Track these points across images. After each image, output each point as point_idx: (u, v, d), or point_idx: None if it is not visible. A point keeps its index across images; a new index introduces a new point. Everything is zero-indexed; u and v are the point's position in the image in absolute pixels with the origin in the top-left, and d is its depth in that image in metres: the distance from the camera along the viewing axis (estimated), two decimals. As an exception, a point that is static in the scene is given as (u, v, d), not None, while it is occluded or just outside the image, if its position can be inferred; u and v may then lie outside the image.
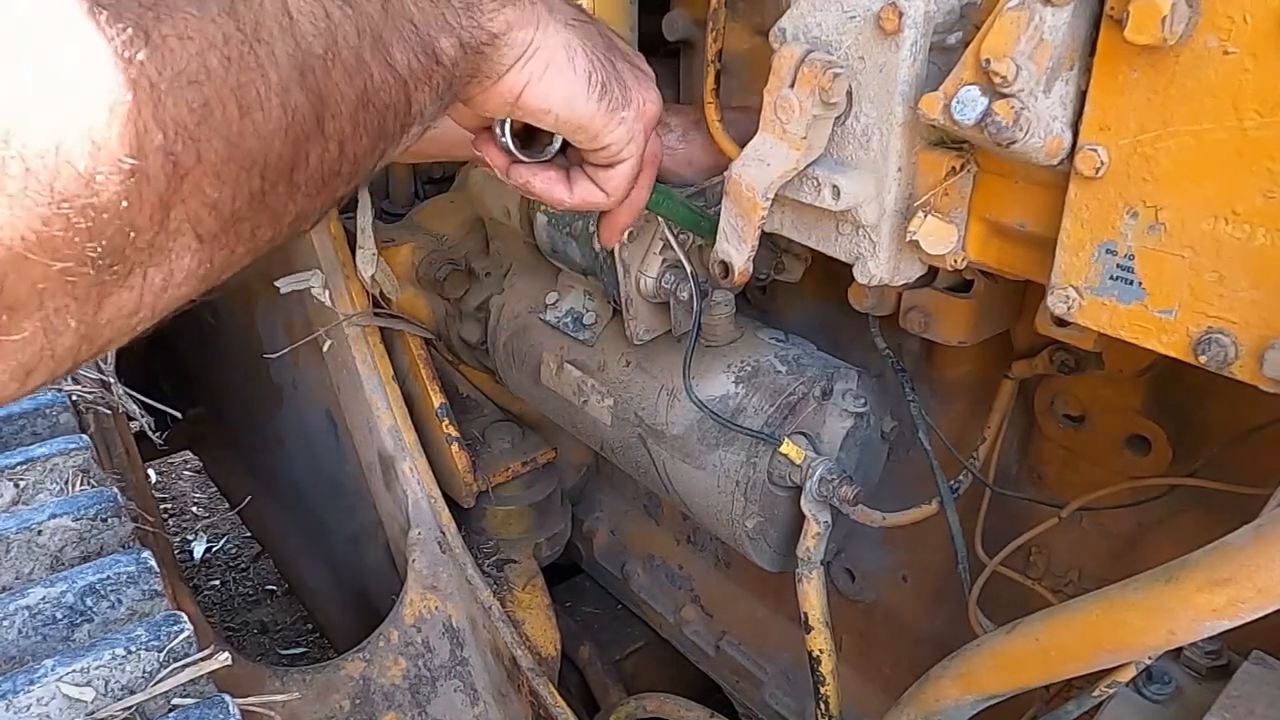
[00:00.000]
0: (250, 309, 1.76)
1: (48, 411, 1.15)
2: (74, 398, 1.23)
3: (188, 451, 2.68)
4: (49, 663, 0.82)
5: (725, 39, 1.05)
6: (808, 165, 0.82)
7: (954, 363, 1.21)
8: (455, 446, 1.50)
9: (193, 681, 0.87)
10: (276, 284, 1.51)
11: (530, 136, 0.78)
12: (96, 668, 0.83)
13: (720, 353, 1.14)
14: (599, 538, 1.77)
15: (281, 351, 1.62)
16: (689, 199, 1.04)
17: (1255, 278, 0.62)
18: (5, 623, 0.87)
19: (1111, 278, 0.69)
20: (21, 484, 1.04)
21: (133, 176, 0.41)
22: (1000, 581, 1.12)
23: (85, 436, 1.10)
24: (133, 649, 0.85)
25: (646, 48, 1.24)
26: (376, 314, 1.53)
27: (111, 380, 1.31)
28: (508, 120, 0.75)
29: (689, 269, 1.06)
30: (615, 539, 1.76)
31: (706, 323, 1.11)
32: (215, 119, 0.44)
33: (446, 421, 1.51)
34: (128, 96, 0.41)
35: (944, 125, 0.70)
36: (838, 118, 0.81)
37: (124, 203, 0.41)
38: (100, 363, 1.30)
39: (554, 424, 1.43)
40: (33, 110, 0.38)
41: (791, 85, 0.79)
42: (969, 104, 0.67)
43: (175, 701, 0.86)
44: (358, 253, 1.47)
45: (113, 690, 0.84)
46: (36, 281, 0.40)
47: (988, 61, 0.65)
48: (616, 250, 1.07)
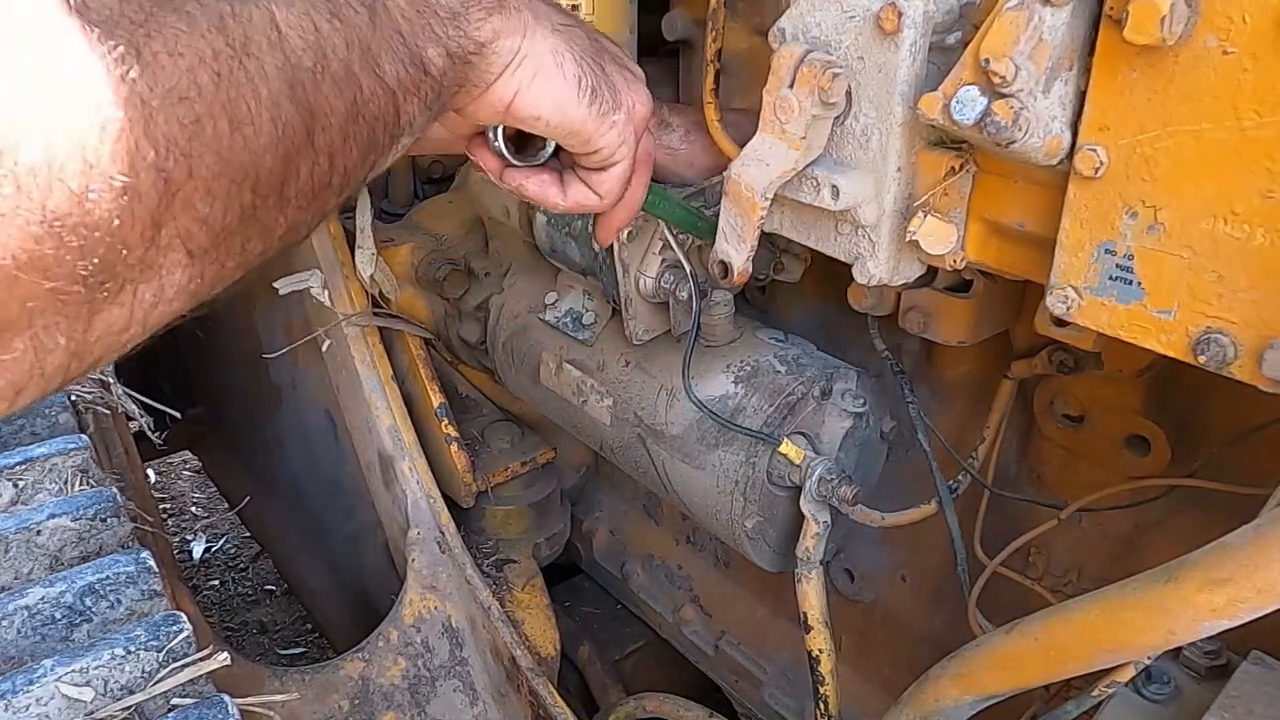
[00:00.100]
0: (249, 309, 1.76)
1: (47, 411, 1.15)
2: (73, 397, 1.23)
3: (187, 451, 2.68)
4: (48, 663, 0.82)
5: (724, 39, 1.05)
6: (807, 165, 0.82)
7: (953, 363, 1.21)
8: (454, 446, 1.50)
9: (192, 681, 0.87)
10: (275, 284, 1.51)
11: (523, 140, 0.78)
12: (96, 668, 0.83)
13: (719, 353, 1.13)
14: (598, 538, 1.77)
15: (281, 351, 1.61)
16: (688, 199, 1.04)
17: (1254, 278, 0.62)
18: (4, 623, 0.87)
19: (1111, 278, 0.69)
20: (20, 484, 1.03)
21: (125, 194, 0.41)
22: (999, 581, 1.12)
23: (84, 436, 1.10)
24: (132, 649, 0.85)
25: (646, 48, 1.25)
26: (376, 314, 1.53)
27: (110, 380, 1.31)
28: (500, 125, 0.75)
29: (688, 269, 1.06)
30: (615, 539, 1.76)
31: (706, 323, 1.11)
32: (206, 135, 0.44)
33: (446, 421, 1.51)
34: (120, 114, 0.40)
35: (943, 125, 0.70)
36: (837, 118, 0.81)
37: (116, 220, 0.41)
38: (99, 363, 1.30)
39: (553, 424, 1.43)
40: (25, 129, 0.38)
41: (791, 85, 0.79)
42: (968, 104, 0.67)
43: (174, 701, 0.86)
44: (357, 253, 1.47)
45: (112, 690, 0.83)
46: (27, 300, 0.40)
47: (987, 61, 0.65)
48: (615, 250, 1.07)
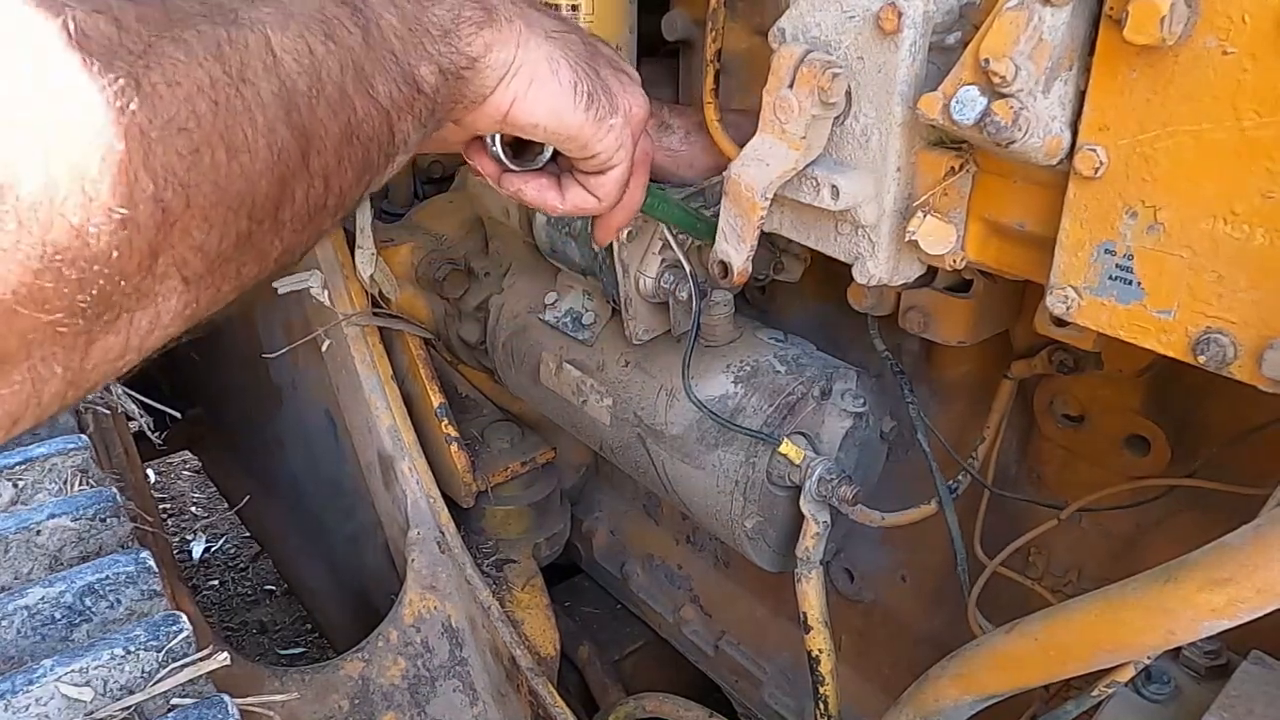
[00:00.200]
0: (249, 309, 1.76)
1: (47, 411, 1.15)
2: (73, 397, 1.22)
3: (187, 451, 2.68)
4: (48, 663, 0.82)
5: (724, 39, 1.05)
6: (807, 165, 0.82)
7: (953, 363, 1.20)
8: (454, 446, 1.50)
9: (191, 681, 0.87)
10: (275, 285, 1.51)
11: (521, 145, 0.79)
12: (95, 668, 0.83)
13: (719, 353, 1.13)
14: (598, 538, 1.77)
15: (281, 351, 1.61)
16: (688, 199, 1.04)
17: (1254, 278, 0.62)
18: (4, 623, 0.87)
19: (1110, 278, 0.69)
20: (20, 484, 1.03)
21: (124, 227, 0.41)
22: (999, 581, 1.12)
23: (84, 436, 1.10)
24: (132, 649, 0.85)
25: (646, 48, 1.25)
26: (375, 314, 1.53)
27: (110, 380, 1.31)
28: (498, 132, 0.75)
29: (688, 269, 1.06)
30: (614, 539, 1.76)
31: (705, 323, 1.11)
32: (204, 164, 0.44)
33: (446, 421, 1.51)
34: (120, 147, 0.40)
35: (943, 125, 0.70)
36: (837, 118, 0.81)
37: (115, 253, 0.41)
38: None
39: (553, 424, 1.43)
40: (26, 163, 0.38)
41: (790, 85, 0.79)
42: (968, 104, 0.67)
43: (174, 701, 0.86)
44: (357, 253, 1.47)
45: (111, 690, 0.83)
46: (26, 333, 0.40)
47: (987, 61, 0.65)
48: (615, 250, 1.07)
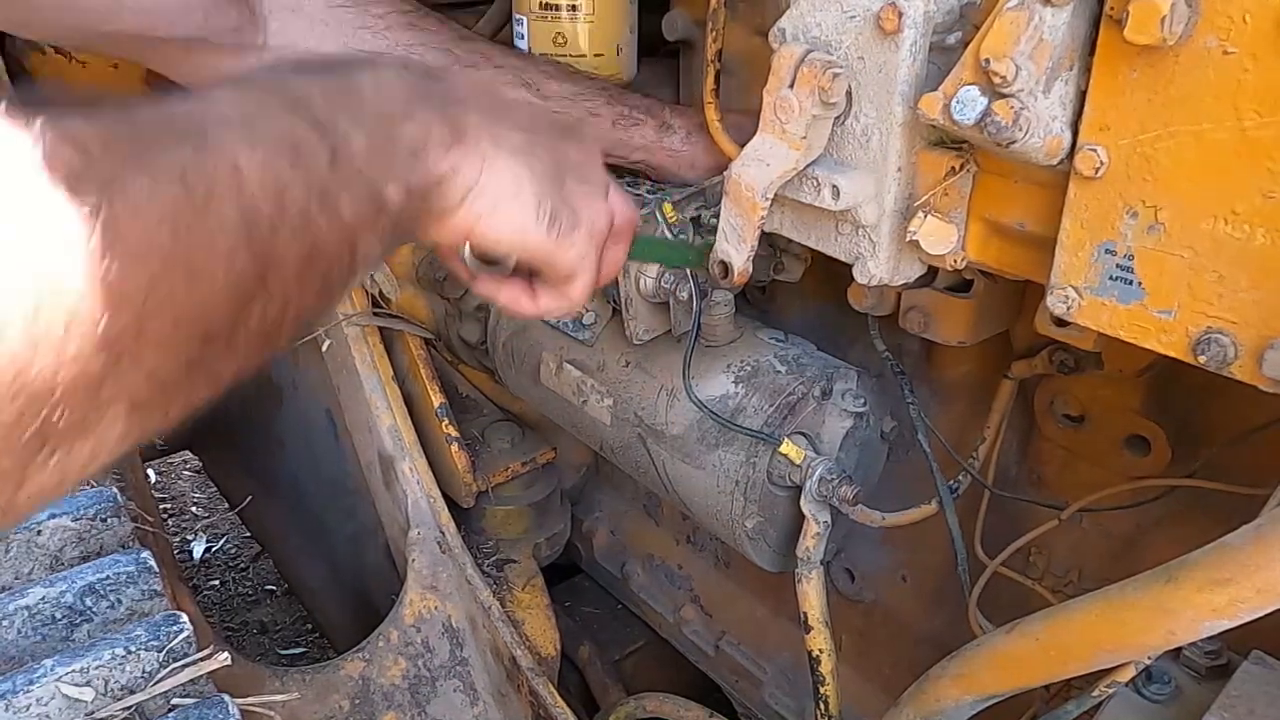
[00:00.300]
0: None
1: (47, 411, 1.15)
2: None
3: (187, 451, 2.68)
4: (48, 663, 0.82)
5: (725, 39, 1.05)
6: (807, 165, 0.82)
7: (953, 363, 1.20)
8: (455, 446, 1.50)
9: (192, 681, 0.87)
10: (276, 284, 1.50)
11: None
12: (96, 668, 0.83)
13: (720, 353, 1.13)
14: (599, 538, 1.77)
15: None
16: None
17: (1255, 278, 0.62)
18: (5, 623, 0.87)
19: (1111, 278, 0.69)
20: (21, 484, 1.03)
21: (74, 362, 0.39)
22: (1000, 582, 1.12)
23: (84, 436, 1.10)
24: (132, 649, 0.85)
25: (646, 48, 1.25)
26: (376, 314, 1.53)
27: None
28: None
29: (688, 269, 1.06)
30: (615, 539, 1.76)
31: (706, 323, 1.11)
32: (160, 294, 0.42)
33: (446, 421, 1.51)
34: (78, 283, 0.38)
35: (943, 125, 0.70)
36: (837, 118, 0.81)
37: (58, 389, 0.39)
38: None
39: (554, 424, 1.43)
40: None
41: (791, 85, 0.79)
42: (968, 104, 0.67)
43: (175, 701, 0.86)
44: (357, 253, 1.47)
45: (112, 690, 0.84)
46: None
47: (987, 61, 0.65)
48: (616, 250, 1.07)
